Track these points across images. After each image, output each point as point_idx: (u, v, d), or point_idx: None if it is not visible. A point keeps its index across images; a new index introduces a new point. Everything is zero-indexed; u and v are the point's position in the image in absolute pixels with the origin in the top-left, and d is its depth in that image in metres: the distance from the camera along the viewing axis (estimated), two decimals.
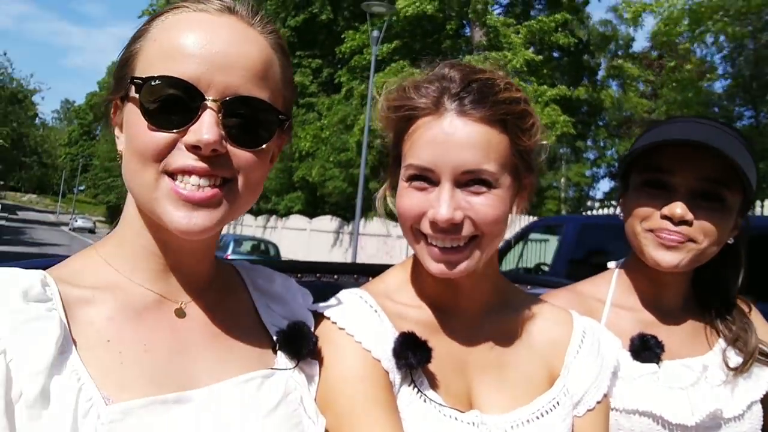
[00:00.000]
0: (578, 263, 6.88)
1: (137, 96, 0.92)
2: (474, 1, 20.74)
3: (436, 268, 1.14)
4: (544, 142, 1.24)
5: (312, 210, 26.77)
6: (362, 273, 2.12)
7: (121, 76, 0.98)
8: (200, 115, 0.91)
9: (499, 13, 24.85)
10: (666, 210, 1.39)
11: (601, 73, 27.96)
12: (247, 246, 19.83)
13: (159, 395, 0.89)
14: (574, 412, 1.25)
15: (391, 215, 1.16)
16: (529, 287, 2.04)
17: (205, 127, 0.90)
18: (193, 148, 0.91)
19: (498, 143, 1.12)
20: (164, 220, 0.94)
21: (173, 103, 0.91)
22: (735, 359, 1.46)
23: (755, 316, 1.57)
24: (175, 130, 0.92)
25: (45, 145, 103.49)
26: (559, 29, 21.94)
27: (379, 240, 22.12)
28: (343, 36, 25.00)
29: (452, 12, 22.12)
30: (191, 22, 0.95)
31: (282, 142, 1.09)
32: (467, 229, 1.12)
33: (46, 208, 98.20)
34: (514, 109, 1.14)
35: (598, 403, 1.27)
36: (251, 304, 1.15)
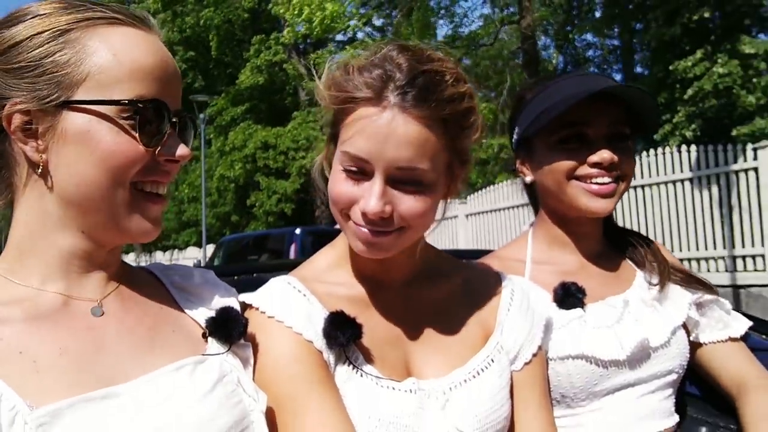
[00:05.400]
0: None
1: (126, 115, 0.94)
2: (295, 73, 27.18)
3: (361, 248, 1.16)
4: (484, 141, 1.26)
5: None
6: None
7: (56, 81, 0.93)
8: (169, 132, 1.00)
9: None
10: (595, 158, 1.44)
11: None
12: None
13: (83, 394, 0.86)
14: (512, 367, 1.28)
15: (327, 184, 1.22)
16: None
17: (179, 145, 1.01)
18: (168, 162, 1.00)
19: (435, 143, 1.11)
20: (132, 230, 0.99)
21: (151, 121, 0.97)
22: (654, 277, 1.54)
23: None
24: (153, 146, 0.97)
25: None
26: None
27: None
28: (207, 101, 31.51)
29: (278, 81, 28.57)
30: (140, 40, 0.98)
31: None
32: (395, 222, 1.13)
33: None
34: (457, 108, 1.13)
35: (534, 355, 1.30)
36: (171, 299, 1.13)
